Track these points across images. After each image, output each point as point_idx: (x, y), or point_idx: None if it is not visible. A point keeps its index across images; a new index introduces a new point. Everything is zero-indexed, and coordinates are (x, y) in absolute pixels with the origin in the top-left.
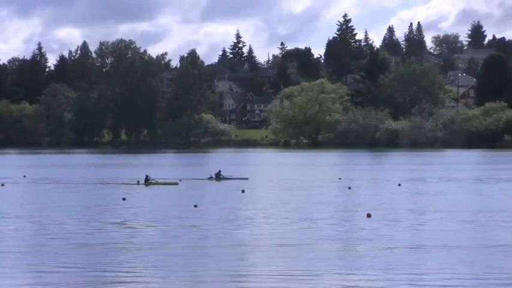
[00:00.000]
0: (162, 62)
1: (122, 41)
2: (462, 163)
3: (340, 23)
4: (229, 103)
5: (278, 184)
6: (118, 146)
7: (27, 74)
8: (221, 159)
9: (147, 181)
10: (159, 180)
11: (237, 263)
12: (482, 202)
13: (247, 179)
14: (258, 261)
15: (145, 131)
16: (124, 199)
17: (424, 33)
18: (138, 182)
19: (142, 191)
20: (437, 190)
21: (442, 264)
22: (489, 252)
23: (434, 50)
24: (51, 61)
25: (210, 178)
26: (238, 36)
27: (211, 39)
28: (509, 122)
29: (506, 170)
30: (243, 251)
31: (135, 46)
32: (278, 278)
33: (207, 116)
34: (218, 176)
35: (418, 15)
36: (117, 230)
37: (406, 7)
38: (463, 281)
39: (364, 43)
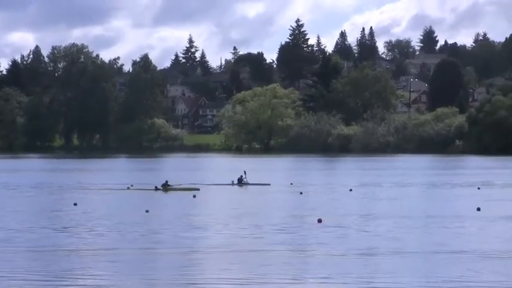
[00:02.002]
0: (115, 66)
1: (74, 45)
2: (414, 168)
3: (292, 27)
4: (181, 108)
5: (229, 189)
6: (71, 151)
7: None
8: (177, 164)
9: (166, 187)
10: (177, 186)
11: (187, 268)
12: (434, 208)
13: (269, 184)
14: (208, 267)
15: (98, 136)
16: (75, 204)
17: (376, 38)
18: (156, 187)
19: (94, 196)
20: (389, 195)
21: (392, 270)
22: (439, 259)
23: (387, 55)
24: (4, 65)
25: (232, 183)
26: (190, 41)
27: (164, 44)
28: (460, 127)
29: (457, 175)
30: (193, 257)
31: (88, 50)
32: (228, 284)
33: (160, 121)
34: (240, 181)
35: (371, 20)
36: (67, 235)
37: (360, 12)
38: (412, 286)
39: (317, 48)
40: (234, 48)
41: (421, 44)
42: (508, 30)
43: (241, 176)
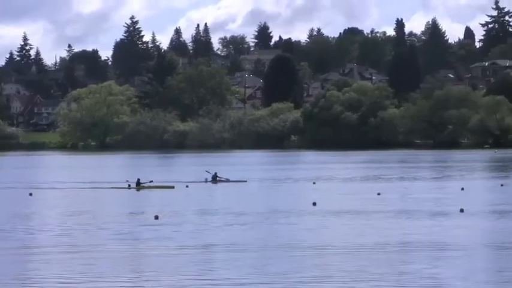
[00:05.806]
0: None
1: None
2: (249, 164)
3: (127, 24)
4: (16, 106)
5: (66, 187)
6: None
7: None
8: (13, 163)
9: (139, 184)
10: (152, 184)
11: (20, 266)
12: (269, 203)
13: (245, 181)
14: (40, 265)
15: None
16: None
17: (212, 35)
18: (129, 185)
19: None
20: (224, 191)
21: (225, 265)
22: (272, 253)
23: (222, 52)
24: None
25: (206, 181)
26: (25, 39)
27: None
28: (295, 122)
29: (293, 170)
30: (26, 255)
31: None
32: (62, 282)
33: None
34: (215, 179)
35: (207, 16)
36: None
37: (196, 8)
38: (245, 280)
39: (152, 45)
40: (69, 45)
41: (256, 40)
42: (343, 25)
43: (216, 173)
